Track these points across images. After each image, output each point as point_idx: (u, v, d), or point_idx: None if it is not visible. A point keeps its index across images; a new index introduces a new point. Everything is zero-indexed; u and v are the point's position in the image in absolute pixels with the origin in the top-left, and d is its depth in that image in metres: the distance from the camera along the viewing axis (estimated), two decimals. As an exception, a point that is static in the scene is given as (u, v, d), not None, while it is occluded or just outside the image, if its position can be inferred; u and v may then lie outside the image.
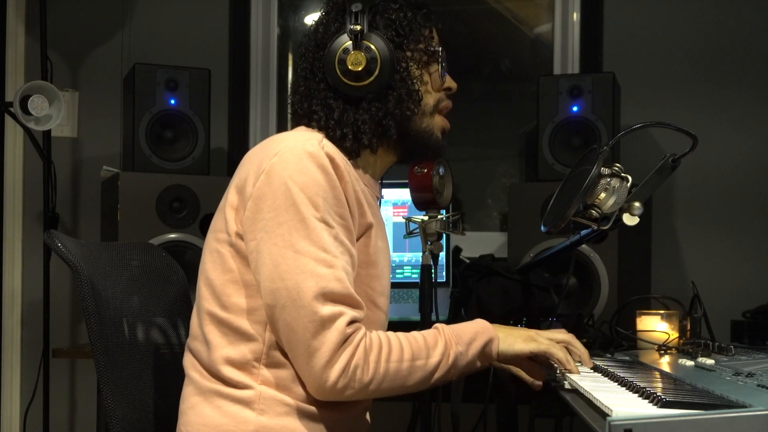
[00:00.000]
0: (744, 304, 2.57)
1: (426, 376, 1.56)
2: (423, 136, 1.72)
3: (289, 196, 1.50)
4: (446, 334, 1.59)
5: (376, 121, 1.65)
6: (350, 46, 1.62)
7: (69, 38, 3.46)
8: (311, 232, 1.49)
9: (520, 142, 3.52)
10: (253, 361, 1.55)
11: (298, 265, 1.48)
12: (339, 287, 1.49)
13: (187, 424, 1.59)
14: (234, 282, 1.57)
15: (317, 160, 1.53)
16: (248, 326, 1.55)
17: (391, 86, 1.65)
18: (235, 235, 1.56)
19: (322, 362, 1.47)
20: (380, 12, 1.68)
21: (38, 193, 3.20)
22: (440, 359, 1.56)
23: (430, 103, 1.72)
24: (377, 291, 1.65)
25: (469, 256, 2.96)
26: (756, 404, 1.15)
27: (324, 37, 1.67)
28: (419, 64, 1.69)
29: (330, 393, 1.50)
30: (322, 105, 1.65)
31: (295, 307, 1.48)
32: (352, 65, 1.62)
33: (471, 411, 2.56)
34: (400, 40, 1.67)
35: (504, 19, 3.63)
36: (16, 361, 3.43)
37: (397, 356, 1.53)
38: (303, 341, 1.47)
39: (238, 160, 1.66)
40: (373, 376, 1.50)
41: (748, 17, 3.21)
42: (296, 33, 3.72)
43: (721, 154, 3.17)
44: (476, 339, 1.60)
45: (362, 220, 1.60)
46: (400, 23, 1.68)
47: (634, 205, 1.80)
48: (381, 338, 1.53)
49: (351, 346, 1.48)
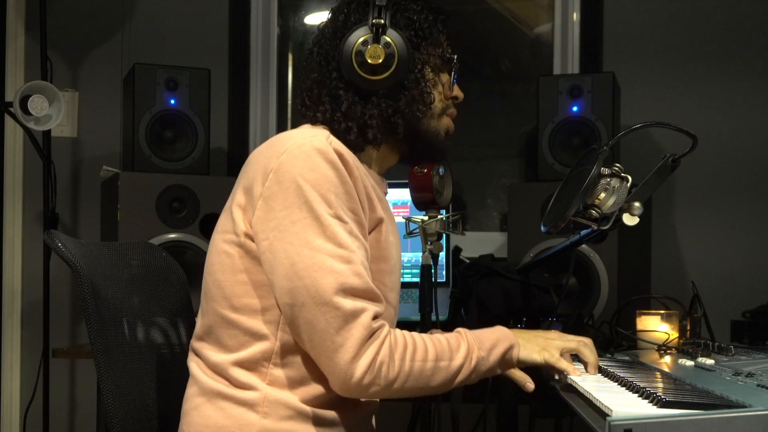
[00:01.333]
0: (744, 304, 2.57)
1: (449, 378, 1.55)
2: (429, 136, 1.72)
3: (300, 194, 1.50)
4: (469, 338, 1.59)
5: (384, 118, 1.65)
6: (370, 39, 1.62)
7: (69, 38, 3.46)
8: (326, 228, 1.49)
9: (520, 142, 3.52)
10: (263, 360, 1.55)
11: (315, 262, 1.47)
12: (358, 282, 1.48)
13: (189, 424, 1.59)
14: (244, 283, 1.56)
15: (326, 156, 1.52)
16: (261, 326, 1.54)
17: (404, 85, 1.65)
18: (244, 236, 1.55)
19: (348, 357, 1.46)
20: (402, 10, 1.68)
21: (38, 193, 3.20)
22: (463, 362, 1.56)
23: (439, 106, 1.72)
24: (388, 287, 1.64)
25: (469, 256, 2.96)
26: (756, 404, 1.15)
27: (343, 27, 1.66)
28: (433, 68, 1.71)
29: (355, 389, 1.48)
30: (330, 95, 1.65)
31: (315, 304, 1.47)
32: (370, 58, 1.61)
33: (471, 411, 2.56)
34: (418, 41, 1.68)
35: (504, 19, 3.63)
36: (16, 361, 3.43)
37: (422, 355, 1.52)
38: (327, 337, 1.46)
39: (238, 160, 1.66)
40: (398, 374, 1.49)
41: (748, 17, 3.21)
42: (296, 33, 3.72)
43: (721, 153, 3.17)
44: (497, 345, 1.60)
45: (373, 214, 1.60)
46: (420, 25, 1.68)
47: (634, 205, 1.80)
48: (406, 336, 1.53)
49: (377, 342, 1.48)
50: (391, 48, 1.62)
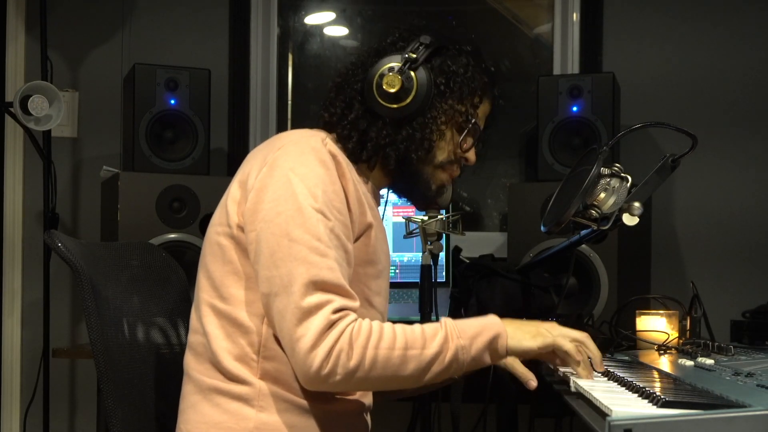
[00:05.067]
0: (744, 304, 2.57)
1: (421, 367, 1.51)
2: (419, 181, 1.73)
3: (288, 187, 1.52)
4: (448, 327, 1.55)
5: (380, 144, 1.67)
6: (396, 68, 1.65)
7: (69, 38, 3.46)
8: (307, 220, 1.50)
9: (520, 142, 3.52)
10: (252, 354, 1.55)
11: (292, 252, 1.49)
12: (330, 276, 1.48)
13: (186, 422, 1.59)
14: (234, 273, 1.57)
15: (319, 155, 1.55)
16: (246, 318, 1.55)
17: (410, 123, 1.66)
18: (236, 227, 1.57)
19: (306, 347, 1.45)
20: (446, 56, 1.70)
21: (38, 193, 3.20)
22: (438, 350, 1.51)
23: (440, 157, 1.72)
24: (373, 290, 1.65)
25: (469, 256, 2.96)
26: (755, 404, 1.15)
27: (386, 48, 1.70)
28: (450, 123, 1.71)
29: (315, 380, 1.47)
30: (346, 102, 1.69)
31: (286, 293, 1.47)
32: (386, 84, 1.64)
33: (471, 411, 2.56)
34: (445, 90, 1.68)
35: (504, 19, 3.63)
36: (15, 361, 3.43)
37: (388, 344, 1.49)
38: (290, 327, 1.46)
39: (238, 161, 1.67)
40: (360, 362, 1.46)
41: (748, 17, 3.21)
42: (296, 33, 3.72)
43: (721, 153, 3.17)
44: (482, 333, 1.55)
45: (362, 218, 1.61)
46: (455, 77, 1.69)
47: (634, 205, 1.80)
48: (373, 326, 1.50)
49: (335, 330, 1.46)
50: (410, 83, 1.65)
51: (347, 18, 3.72)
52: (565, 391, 1.56)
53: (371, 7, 3.71)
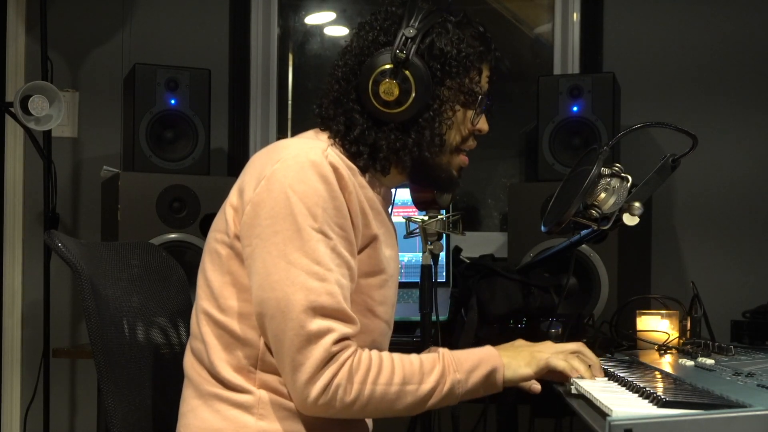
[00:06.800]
0: (744, 304, 2.57)
1: (417, 401, 1.52)
2: (438, 170, 1.67)
3: (287, 205, 1.48)
4: (446, 360, 1.54)
5: (393, 150, 1.61)
6: (389, 71, 1.57)
7: (69, 38, 3.46)
8: (305, 243, 1.46)
9: (520, 142, 3.52)
10: (250, 366, 1.54)
11: (289, 276, 1.46)
12: (330, 301, 1.46)
13: (186, 426, 1.59)
14: (232, 285, 1.55)
15: (319, 170, 1.50)
16: (245, 330, 1.54)
17: (417, 122, 1.60)
18: (234, 237, 1.55)
19: (305, 378, 1.45)
20: (436, 36, 1.60)
21: (38, 193, 3.21)
22: (434, 386, 1.52)
23: (454, 142, 1.66)
24: (377, 300, 1.61)
25: (469, 256, 2.96)
26: (756, 404, 1.15)
27: (371, 46, 1.61)
28: (456, 101, 1.64)
29: (311, 409, 1.48)
30: (346, 116, 1.61)
31: (283, 318, 1.45)
32: (383, 93, 1.57)
33: (471, 411, 2.56)
34: (444, 75, 1.61)
35: (504, 19, 3.63)
36: (16, 361, 3.43)
37: (386, 379, 1.49)
38: (289, 354, 1.45)
39: (238, 161, 1.66)
40: (357, 397, 1.47)
41: (747, 18, 3.21)
42: (296, 33, 3.72)
43: (721, 152, 3.17)
44: (478, 367, 1.55)
45: (366, 231, 1.57)
46: (451, 57, 1.60)
47: (634, 205, 1.80)
48: (372, 358, 1.50)
49: (335, 365, 1.45)
50: (407, 84, 1.56)
51: (347, 18, 3.72)
52: (565, 391, 1.56)
53: (371, 8, 3.71)
